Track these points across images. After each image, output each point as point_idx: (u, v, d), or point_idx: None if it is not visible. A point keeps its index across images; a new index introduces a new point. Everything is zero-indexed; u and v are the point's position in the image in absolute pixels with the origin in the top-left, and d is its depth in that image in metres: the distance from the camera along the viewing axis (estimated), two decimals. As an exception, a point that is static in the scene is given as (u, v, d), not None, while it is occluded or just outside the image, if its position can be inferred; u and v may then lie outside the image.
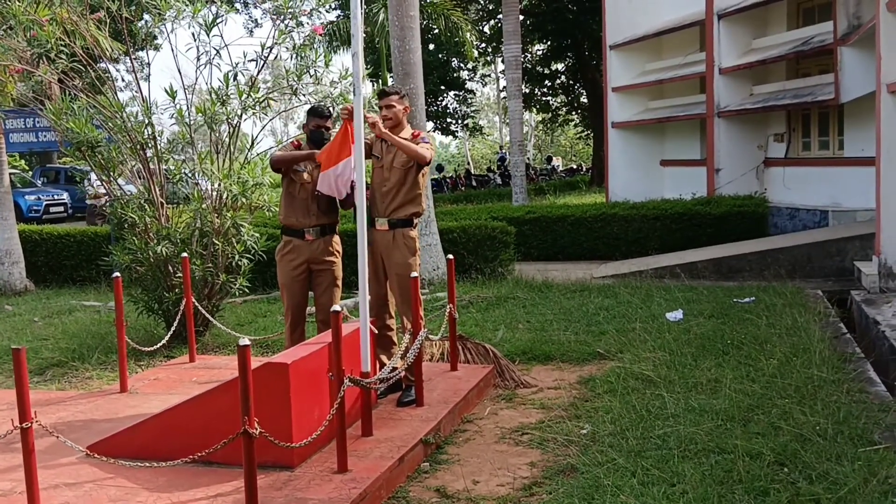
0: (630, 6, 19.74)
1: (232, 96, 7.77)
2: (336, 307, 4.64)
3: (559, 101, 36.49)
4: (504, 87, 36.08)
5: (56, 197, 26.82)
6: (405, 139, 5.87)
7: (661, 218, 13.46)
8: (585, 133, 40.43)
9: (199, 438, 4.76)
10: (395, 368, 5.41)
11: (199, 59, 7.74)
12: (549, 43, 32.27)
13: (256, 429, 3.84)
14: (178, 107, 7.71)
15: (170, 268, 8.08)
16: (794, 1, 15.50)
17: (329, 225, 6.18)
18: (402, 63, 10.25)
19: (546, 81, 33.68)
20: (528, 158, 35.49)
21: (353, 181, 5.71)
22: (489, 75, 36.08)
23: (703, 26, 17.11)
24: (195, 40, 7.47)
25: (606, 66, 20.54)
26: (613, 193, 19.92)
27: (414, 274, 5.78)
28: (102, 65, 8.49)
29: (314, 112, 6.08)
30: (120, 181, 8.36)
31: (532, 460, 5.03)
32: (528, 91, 32.60)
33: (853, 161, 13.94)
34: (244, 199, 7.81)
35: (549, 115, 36.21)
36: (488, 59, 36.93)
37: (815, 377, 5.94)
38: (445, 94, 35.17)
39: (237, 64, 7.53)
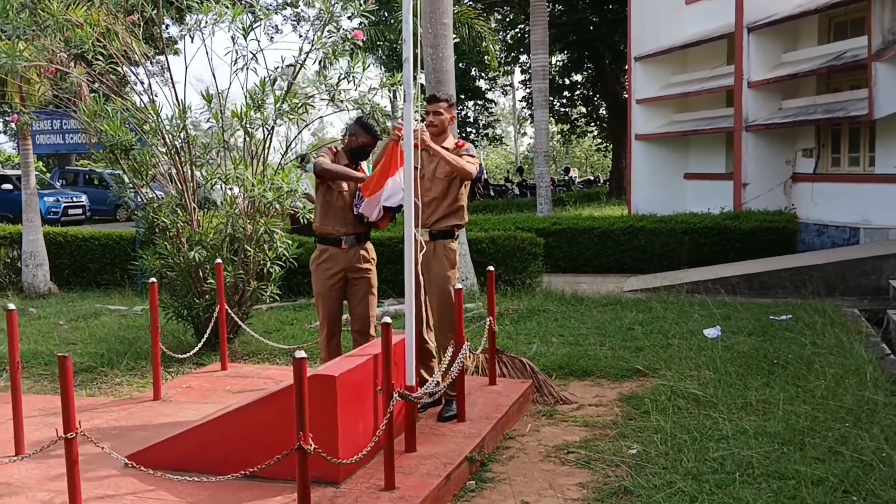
0: (655, 18, 19.60)
1: (268, 102, 7.66)
2: (387, 318, 4.51)
3: (577, 112, 36.34)
4: (523, 96, 36.06)
5: (75, 199, 26.86)
6: (448, 149, 5.76)
7: (690, 232, 13.29)
8: (603, 145, 40.25)
9: (242, 451, 4.65)
10: (438, 382, 5.27)
11: (235, 63, 7.64)
12: (569, 54, 32.14)
13: (311, 445, 3.71)
14: (213, 110, 7.60)
15: (200, 273, 7.97)
16: (826, 15, 15.32)
17: (365, 233, 6.06)
18: (436, 71, 10.14)
19: (565, 92, 33.53)
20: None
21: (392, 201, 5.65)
22: (510, 85, 35.93)
23: (732, 39, 16.96)
24: (233, 44, 7.37)
25: (631, 77, 20.40)
26: (636, 206, 19.76)
27: (456, 286, 5.64)
28: (126, 69, 8.42)
29: (365, 128, 5.93)
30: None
31: (581, 481, 4.88)
32: (532, 104, 32.58)
33: (885, 178, 13.75)
34: (278, 206, 7.69)
35: (568, 126, 36.04)
36: (507, 69, 36.83)
37: (868, 400, 5.77)
38: (465, 104, 35.06)
39: (276, 68, 7.43)
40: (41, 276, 12.22)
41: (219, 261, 7.33)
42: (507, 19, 31.53)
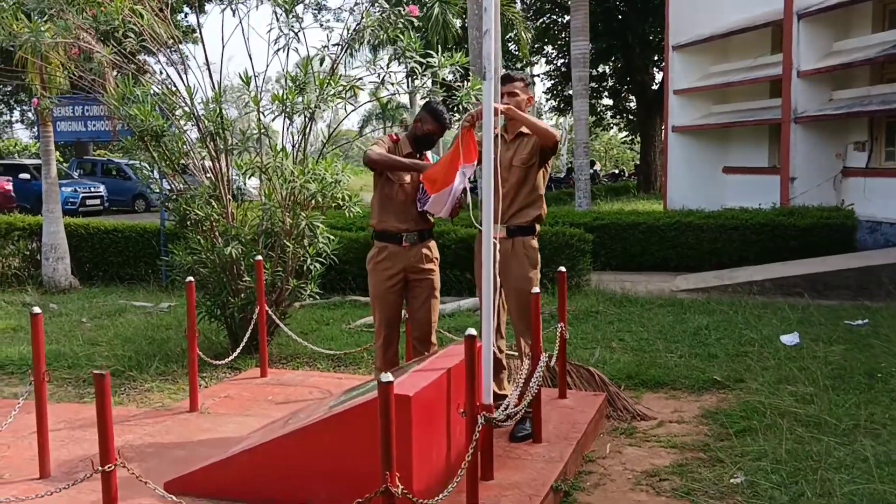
0: (694, 6, 18.90)
1: (310, 84, 7.04)
2: (471, 330, 3.88)
3: (604, 104, 35.58)
4: (547, 88, 35.28)
5: (93, 189, 26.41)
6: (525, 135, 5.16)
7: (740, 228, 12.58)
8: (629, 137, 39.47)
9: (299, 479, 4.06)
10: (520, 399, 4.65)
11: (276, 42, 7.02)
12: (596, 44, 31.38)
13: (399, 487, 3.09)
14: (251, 94, 6.99)
15: (235, 270, 7.38)
16: (881, 2, 14.58)
17: (427, 230, 5.43)
18: (482, 54, 9.47)
19: (592, 83, 32.74)
20: (570, 163, 34.53)
21: (464, 189, 5.02)
22: (537, 75, 35.19)
23: (779, 27, 16.24)
24: (276, 20, 6.75)
25: (668, 67, 19.71)
26: (672, 200, 19.10)
27: (535, 289, 5.01)
28: (145, 57, 7.84)
29: (433, 114, 5.28)
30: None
31: (685, 516, 4.25)
32: (570, 93, 31.75)
33: (946, 173, 13.06)
34: (321, 198, 7.08)
35: (594, 118, 35.27)
36: (532, 59, 36.08)
37: None
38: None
39: (323, 47, 6.79)
40: (62, 269, 11.66)
41: (259, 257, 6.72)
42: (534, 7, 30.77)
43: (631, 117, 34.72)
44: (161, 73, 7.65)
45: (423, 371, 4.42)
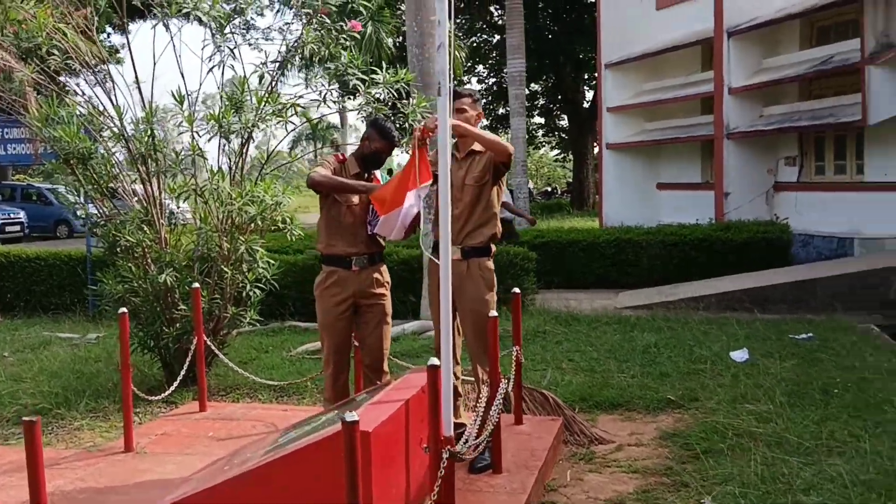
0: (625, 25, 19.08)
1: (247, 103, 6.75)
2: (434, 360, 3.65)
3: (536, 123, 35.80)
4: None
5: (12, 215, 25.47)
6: (477, 152, 4.98)
7: (680, 244, 12.64)
8: (562, 156, 39.80)
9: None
10: (481, 430, 4.42)
11: (210, 59, 6.72)
12: (528, 63, 31.57)
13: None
14: (185, 113, 6.66)
15: (170, 299, 7.01)
16: (809, 20, 14.89)
17: (378, 253, 5.21)
18: (422, 73, 9.30)
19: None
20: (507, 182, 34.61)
21: (418, 212, 4.80)
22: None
23: (709, 45, 16.48)
24: (211, 35, 6.46)
25: (601, 85, 19.85)
26: (607, 217, 19.18)
27: (493, 313, 4.81)
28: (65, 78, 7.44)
29: (381, 131, 5.05)
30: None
31: (656, 547, 4.08)
32: (503, 112, 31.82)
33: (876, 186, 13.33)
34: (260, 221, 6.77)
35: (527, 137, 35.43)
36: (462, 79, 36.11)
37: (956, 436, 5.08)
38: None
39: (262, 63, 6.51)
40: (-20, 301, 11.04)
41: (195, 285, 6.38)
42: (465, 27, 30.84)
43: (563, 135, 35.00)
44: (84, 94, 7.26)
45: (381, 403, 4.16)
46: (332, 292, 5.05)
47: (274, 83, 6.87)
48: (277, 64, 6.64)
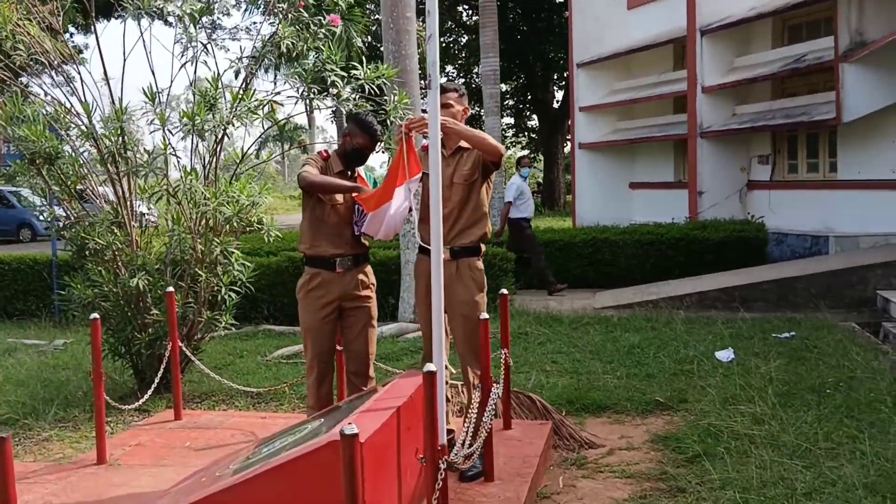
0: (597, 24, 19.01)
1: (220, 101, 6.52)
2: (431, 366, 3.48)
3: (505, 123, 35.70)
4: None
5: (-27, 219, 24.85)
6: (464, 149, 4.81)
7: (656, 243, 12.55)
8: (532, 156, 39.71)
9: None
10: (475, 437, 4.25)
11: (182, 55, 6.48)
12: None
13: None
14: (157, 111, 6.42)
15: (142, 303, 6.76)
16: (780, 18, 14.91)
17: (363, 254, 5.03)
18: (399, 71, 9.09)
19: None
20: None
21: (409, 209, 4.63)
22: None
23: (681, 44, 16.47)
24: (184, 30, 6.22)
25: (573, 84, 19.77)
26: (580, 217, 19.08)
27: (483, 315, 4.64)
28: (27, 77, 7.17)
29: (362, 126, 4.87)
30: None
31: (659, 556, 3.93)
32: (475, 112, 31.69)
33: (848, 184, 13.35)
34: (237, 223, 6.54)
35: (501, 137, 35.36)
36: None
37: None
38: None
39: (238, 59, 6.29)
40: (-58, 307, 10.65)
41: (170, 289, 6.14)
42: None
43: (533, 135, 34.94)
44: (47, 94, 6.98)
45: (371, 412, 3.97)
46: (316, 295, 4.86)
47: (249, 80, 6.65)
48: (253, 60, 6.40)
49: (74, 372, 7.76)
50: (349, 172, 4.89)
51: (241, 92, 6.52)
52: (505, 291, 5.54)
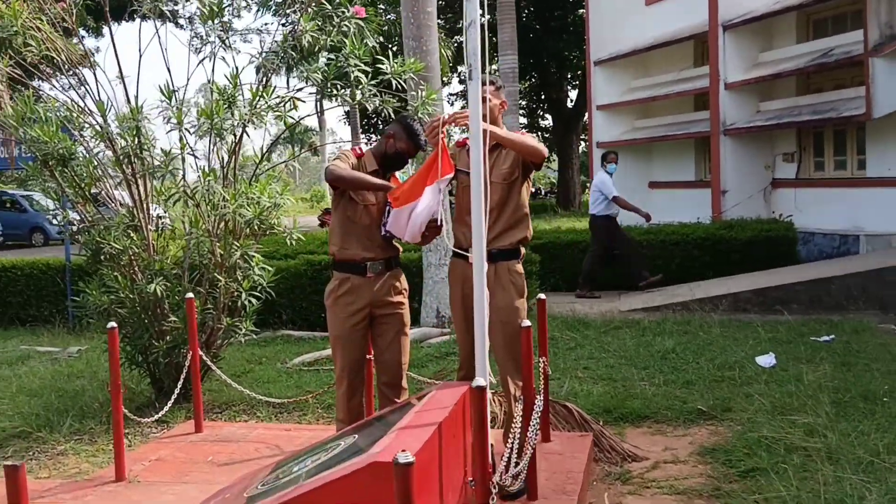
0: (614, 21, 18.74)
1: (240, 98, 6.25)
2: (480, 381, 3.19)
3: (519, 123, 35.38)
4: (464, 106, 34.81)
5: (-15, 223, 24.70)
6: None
7: (682, 243, 12.23)
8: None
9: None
10: (521, 453, 3.96)
11: (199, 52, 6.22)
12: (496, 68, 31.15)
13: None
14: (174, 109, 6.16)
15: (159, 310, 6.50)
16: (805, 12, 14.57)
17: (394, 257, 4.74)
18: (424, 66, 8.81)
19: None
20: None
21: (435, 218, 4.35)
22: (454, 94, 34.73)
23: (701, 40, 16.17)
24: (202, 24, 5.96)
25: (590, 83, 19.48)
26: (598, 217, 18.72)
27: (526, 323, 4.34)
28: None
29: (409, 131, 4.58)
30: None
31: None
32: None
33: (879, 182, 13.01)
34: (258, 225, 6.27)
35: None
36: (443, 79, 35.66)
37: None
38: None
39: (260, 54, 6.02)
40: (-47, 313, 10.41)
41: (190, 295, 5.87)
42: (446, 28, 30.38)
43: (546, 135, 34.62)
44: (62, 91, 6.75)
45: (411, 429, 3.68)
46: (346, 301, 4.57)
47: (269, 76, 6.38)
48: (273, 55, 6.13)
49: (90, 381, 7.50)
50: (384, 176, 4.59)
51: (261, 89, 6.26)
52: (543, 296, 5.25)
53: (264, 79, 6.37)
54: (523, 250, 4.60)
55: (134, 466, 5.12)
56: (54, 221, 25.07)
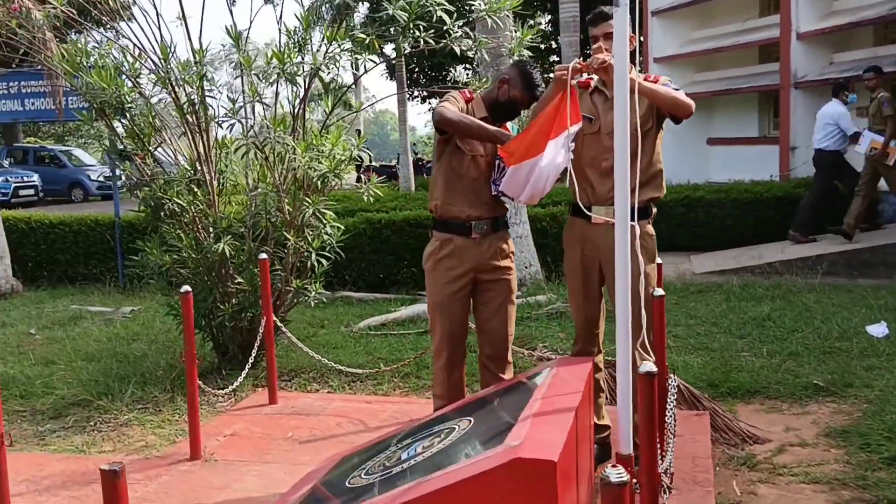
0: (674, -32, 17.80)
1: (311, 41, 5.72)
2: (649, 366, 2.68)
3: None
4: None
5: (26, 179, 24.47)
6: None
7: (755, 202, 11.57)
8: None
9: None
10: (663, 444, 3.45)
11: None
12: (552, 17, 30.10)
13: None
14: (242, 53, 5.64)
15: (224, 271, 6.05)
16: (886, -44, 13.64)
17: (502, 217, 4.20)
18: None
19: (553, 57, 31.54)
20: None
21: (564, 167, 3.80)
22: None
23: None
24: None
25: (648, 34, 18.60)
26: (655, 174, 18.04)
27: (659, 292, 3.83)
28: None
29: (525, 79, 3.99)
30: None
31: None
32: (555, 60, 30.47)
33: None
34: (331, 179, 5.77)
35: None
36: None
37: None
38: (453, 68, 32.59)
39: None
40: (1, 271, 10.06)
41: (264, 255, 5.40)
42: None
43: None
44: (117, 32, 6.25)
45: (544, 415, 3.18)
46: (448, 265, 4.06)
47: (345, 17, 5.83)
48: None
49: (147, 345, 7.10)
50: (496, 124, 4.03)
51: (336, 31, 5.71)
52: (660, 261, 4.69)
53: (340, 19, 5.82)
54: (654, 210, 4.05)
55: (208, 442, 4.70)
56: (93, 177, 25.01)
